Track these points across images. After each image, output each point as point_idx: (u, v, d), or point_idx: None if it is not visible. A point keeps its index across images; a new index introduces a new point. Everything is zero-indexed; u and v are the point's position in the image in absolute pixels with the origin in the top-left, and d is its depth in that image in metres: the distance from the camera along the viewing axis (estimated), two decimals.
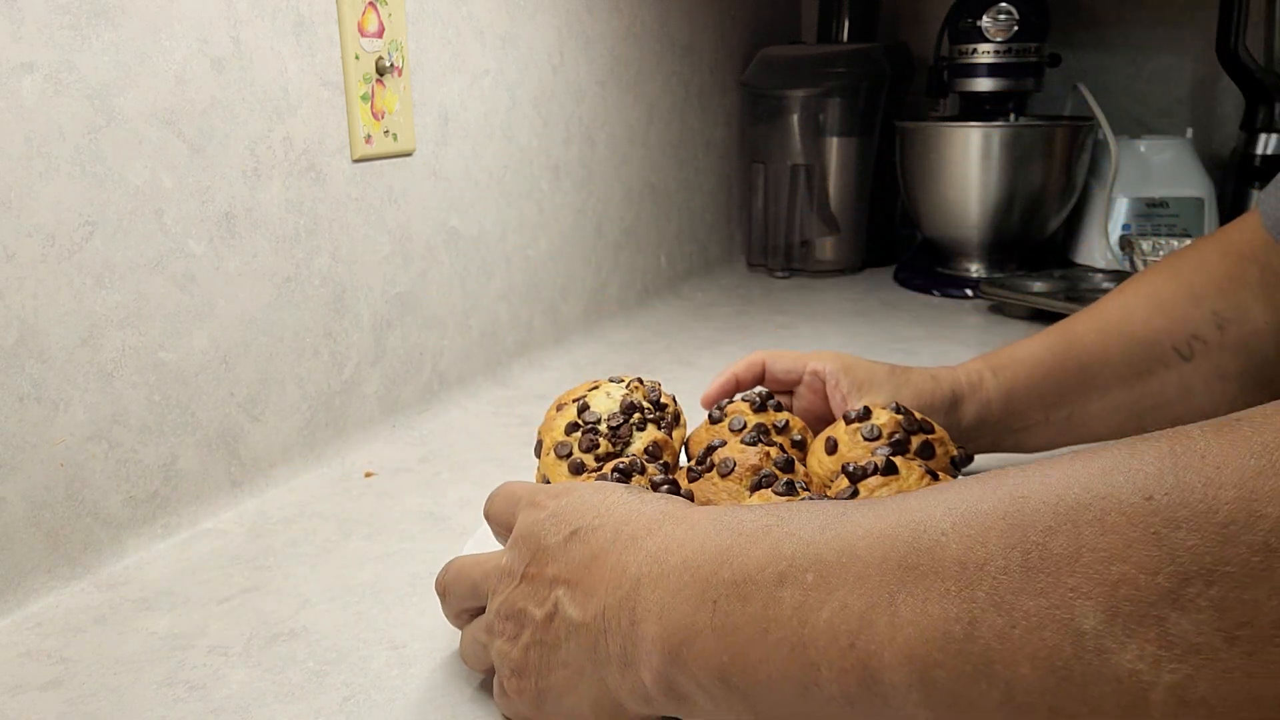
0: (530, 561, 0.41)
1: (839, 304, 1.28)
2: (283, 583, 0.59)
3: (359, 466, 0.77)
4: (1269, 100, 1.25)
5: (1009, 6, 1.25)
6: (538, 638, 0.40)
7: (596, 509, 0.41)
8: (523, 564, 0.41)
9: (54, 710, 0.48)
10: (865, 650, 0.30)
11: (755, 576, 0.33)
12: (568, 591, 0.39)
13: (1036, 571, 0.27)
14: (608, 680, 0.38)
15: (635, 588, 0.37)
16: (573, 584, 0.39)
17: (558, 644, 0.40)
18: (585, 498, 0.42)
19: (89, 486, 0.60)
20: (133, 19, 0.60)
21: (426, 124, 0.85)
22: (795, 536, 0.34)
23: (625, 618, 0.37)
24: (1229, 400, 0.62)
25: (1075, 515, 0.27)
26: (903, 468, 0.53)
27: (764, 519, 0.36)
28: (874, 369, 0.66)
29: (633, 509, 0.40)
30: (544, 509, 0.42)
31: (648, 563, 0.37)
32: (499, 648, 0.42)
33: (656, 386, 0.65)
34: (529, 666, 0.41)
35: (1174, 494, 0.26)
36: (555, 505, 0.42)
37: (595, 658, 0.38)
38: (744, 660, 0.33)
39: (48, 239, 0.57)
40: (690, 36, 1.30)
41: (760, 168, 1.41)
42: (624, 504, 0.41)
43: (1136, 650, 0.25)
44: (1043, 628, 0.27)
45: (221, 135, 0.67)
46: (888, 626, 0.30)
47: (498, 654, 0.43)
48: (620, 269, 1.19)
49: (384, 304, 0.82)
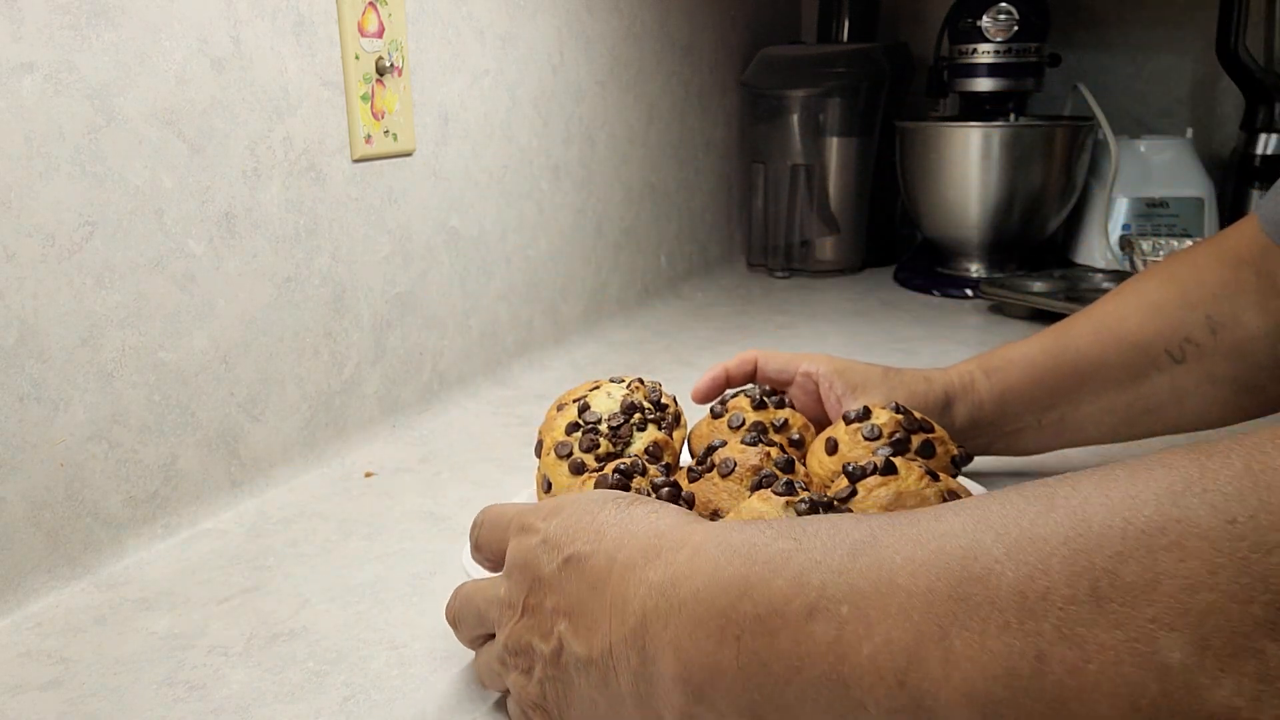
0: (529, 592, 0.40)
1: (839, 304, 1.28)
2: (283, 583, 0.59)
3: (359, 466, 0.77)
4: (1269, 100, 1.25)
5: (1009, 6, 1.25)
6: (549, 673, 0.39)
7: (588, 532, 0.39)
8: (521, 595, 0.40)
9: (54, 710, 0.48)
10: (917, 689, 0.28)
11: (782, 610, 0.31)
12: (569, 625, 0.38)
13: (1108, 601, 0.25)
14: (624, 716, 0.37)
15: (642, 623, 0.35)
16: (574, 616, 0.38)
17: (570, 680, 0.38)
18: (576, 519, 0.40)
19: (89, 486, 0.60)
20: (133, 19, 0.60)
21: (426, 124, 0.85)
22: (823, 565, 0.31)
23: (634, 655, 0.35)
24: (1220, 404, 0.62)
25: (1148, 540, 0.25)
26: (902, 468, 0.53)
27: (778, 542, 0.33)
28: (868, 371, 0.66)
29: (625, 531, 0.38)
30: (535, 533, 0.41)
31: (653, 595, 0.35)
32: (514, 681, 0.41)
33: (657, 387, 0.65)
34: (548, 700, 0.40)
35: (1260, 516, 0.24)
36: (546, 529, 0.40)
37: (608, 694, 0.37)
38: (778, 699, 0.31)
39: (48, 239, 0.57)
40: (690, 36, 1.30)
41: (760, 168, 1.41)
42: (616, 524, 0.39)
43: (1233, 685, 0.23)
44: (1121, 663, 0.25)
45: (221, 135, 0.67)
46: (941, 664, 0.28)
47: (514, 687, 0.42)
48: (620, 269, 1.19)
49: (384, 304, 0.82)
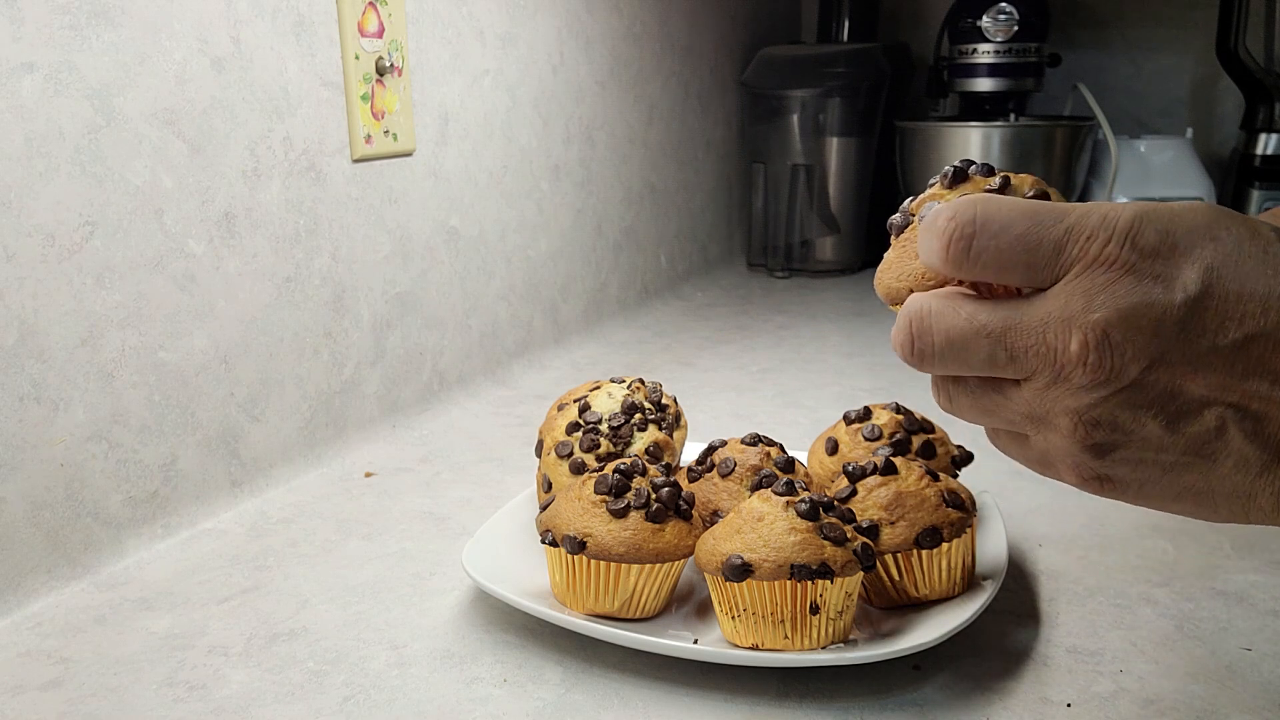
0: (1154, 364, 0.32)
1: (839, 304, 1.27)
2: (283, 583, 0.59)
3: (359, 466, 0.77)
4: (1269, 100, 1.25)
5: (1009, 6, 1.25)
6: (1163, 457, 0.33)
7: (1264, 303, 0.31)
8: (1138, 364, 0.32)
9: (54, 710, 0.47)
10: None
11: None
12: (1241, 418, 0.32)
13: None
14: (1256, 498, 0.33)
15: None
16: (1248, 412, 0.32)
17: (1201, 462, 0.33)
18: (1244, 282, 0.31)
19: (89, 486, 0.60)
20: (133, 19, 0.60)
21: (426, 124, 0.85)
22: None
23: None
24: None
25: None
26: (902, 468, 0.53)
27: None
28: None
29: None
30: (1167, 284, 0.31)
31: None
32: (1069, 451, 0.34)
33: (658, 387, 0.65)
34: (1133, 473, 0.34)
35: None
36: (1197, 285, 0.31)
37: (1272, 490, 0.32)
38: None
39: (48, 239, 0.57)
40: (690, 36, 1.30)
41: (760, 168, 1.41)
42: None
43: None
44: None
45: (221, 135, 0.67)
46: None
47: (1066, 452, 0.35)
48: (620, 269, 1.19)
49: (384, 304, 0.82)
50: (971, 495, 0.54)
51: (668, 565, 0.51)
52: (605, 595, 0.51)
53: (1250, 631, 0.52)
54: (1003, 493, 0.68)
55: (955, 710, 0.46)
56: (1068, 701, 0.47)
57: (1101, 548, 0.62)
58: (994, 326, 0.34)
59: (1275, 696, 0.47)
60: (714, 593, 0.50)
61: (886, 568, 0.51)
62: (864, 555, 0.48)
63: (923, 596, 0.52)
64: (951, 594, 0.52)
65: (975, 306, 0.34)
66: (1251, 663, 0.49)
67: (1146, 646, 0.51)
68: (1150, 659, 0.50)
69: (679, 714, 0.47)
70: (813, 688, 0.48)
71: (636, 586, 0.51)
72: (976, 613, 0.50)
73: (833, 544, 0.47)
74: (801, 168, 1.39)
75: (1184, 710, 0.46)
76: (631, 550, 0.50)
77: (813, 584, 0.46)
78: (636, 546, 0.50)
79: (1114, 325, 0.31)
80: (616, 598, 0.51)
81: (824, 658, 0.47)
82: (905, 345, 0.35)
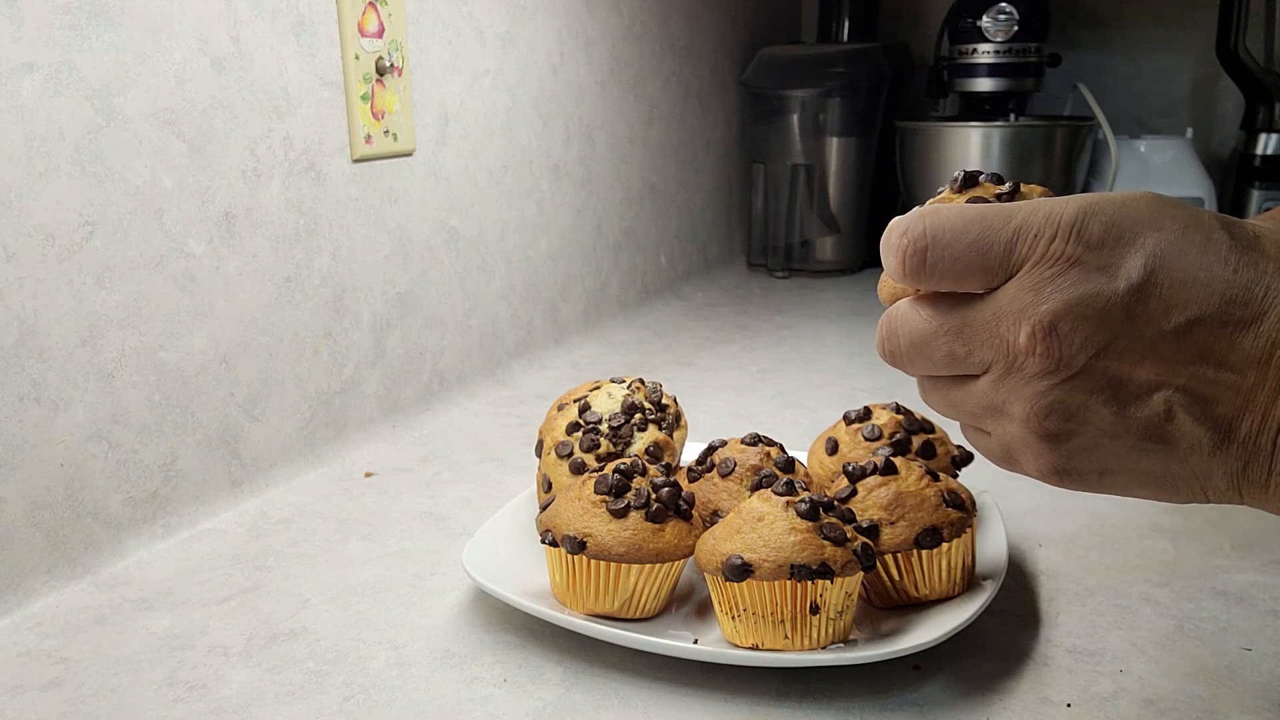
0: (1102, 352, 0.33)
1: (839, 304, 1.27)
2: (283, 583, 0.59)
3: (359, 466, 0.77)
4: (1269, 100, 1.25)
5: (1009, 6, 1.25)
6: (1117, 444, 0.34)
7: (1207, 289, 0.32)
8: (1085, 352, 0.33)
9: (54, 710, 0.47)
10: None
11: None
12: (1189, 401, 0.33)
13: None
14: (1211, 478, 0.34)
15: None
16: (1195, 394, 0.33)
17: (1156, 446, 0.34)
18: (1187, 269, 0.32)
19: (89, 486, 0.60)
20: (133, 19, 0.60)
21: (426, 124, 0.85)
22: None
23: None
24: None
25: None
26: (902, 468, 0.53)
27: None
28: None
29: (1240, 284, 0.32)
30: (1111, 274, 0.32)
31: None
32: (1029, 442, 0.35)
33: (658, 387, 0.65)
34: (1089, 462, 0.35)
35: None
36: (1140, 273, 0.32)
37: (1224, 470, 0.33)
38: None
39: (48, 239, 0.57)
40: (690, 36, 1.30)
41: (760, 168, 1.41)
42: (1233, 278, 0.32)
43: None
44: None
45: (221, 135, 0.67)
46: None
47: (1025, 443, 0.36)
48: (620, 269, 1.19)
49: (384, 304, 0.82)
50: (971, 495, 0.54)
51: (668, 565, 0.51)
52: (605, 595, 0.51)
53: (1250, 631, 0.52)
54: (1003, 493, 0.68)
55: (955, 710, 0.46)
56: (1068, 701, 0.47)
57: (1101, 548, 0.62)
58: (951, 325, 0.36)
59: (1275, 696, 0.47)
60: (714, 593, 0.50)
61: (886, 568, 0.51)
62: (864, 555, 0.48)
63: (923, 596, 0.52)
64: (951, 594, 0.52)
65: (935, 308, 0.36)
66: (1251, 663, 0.49)
67: (1146, 646, 0.51)
68: (1150, 659, 0.50)
69: (679, 714, 0.47)
70: (813, 688, 0.48)
71: (636, 586, 0.51)
72: (976, 613, 0.50)
73: (833, 544, 0.47)
74: (801, 168, 1.39)
75: (1184, 710, 0.46)
76: (631, 550, 0.50)
77: (813, 584, 0.46)
78: (636, 546, 0.50)
79: (1061, 315, 0.33)
80: (616, 598, 0.51)
81: (824, 658, 0.47)
82: (879, 347, 0.39)
